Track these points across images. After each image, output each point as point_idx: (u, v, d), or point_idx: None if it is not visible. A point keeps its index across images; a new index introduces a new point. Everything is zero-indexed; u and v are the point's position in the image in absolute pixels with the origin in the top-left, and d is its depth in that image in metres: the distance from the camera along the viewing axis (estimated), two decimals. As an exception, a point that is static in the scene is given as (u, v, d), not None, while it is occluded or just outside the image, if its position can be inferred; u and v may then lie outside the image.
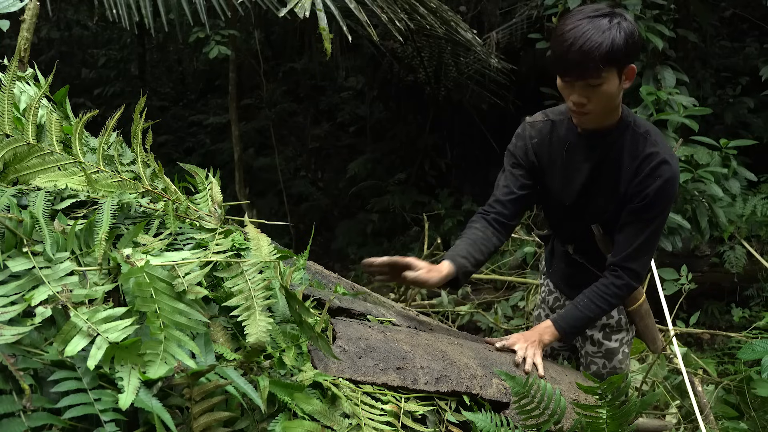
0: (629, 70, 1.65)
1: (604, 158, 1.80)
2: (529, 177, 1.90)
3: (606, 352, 2.09)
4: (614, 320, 2.07)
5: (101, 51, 10.52)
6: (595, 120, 1.74)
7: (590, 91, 1.63)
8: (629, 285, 1.82)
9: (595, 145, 1.80)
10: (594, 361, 2.10)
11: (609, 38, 1.56)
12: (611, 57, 1.56)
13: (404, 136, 7.95)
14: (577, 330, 1.87)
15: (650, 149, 1.75)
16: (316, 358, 1.27)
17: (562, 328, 1.83)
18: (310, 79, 9.71)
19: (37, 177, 1.33)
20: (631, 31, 1.60)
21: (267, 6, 4.12)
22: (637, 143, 1.76)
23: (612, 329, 2.08)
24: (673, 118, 4.17)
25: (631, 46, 1.60)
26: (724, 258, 4.59)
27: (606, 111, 1.71)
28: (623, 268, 1.80)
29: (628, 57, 1.62)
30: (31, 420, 0.90)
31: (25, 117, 1.40)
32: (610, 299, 1.82)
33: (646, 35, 4.50)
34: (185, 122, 9.98)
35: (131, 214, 1.34)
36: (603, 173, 1.82)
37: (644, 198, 1.74)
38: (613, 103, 1.70)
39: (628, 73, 1.65)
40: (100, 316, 1.00)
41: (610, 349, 2.09)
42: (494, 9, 6.84)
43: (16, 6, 2.09)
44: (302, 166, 9.25)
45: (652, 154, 1.74)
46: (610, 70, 1.60)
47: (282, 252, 1.28)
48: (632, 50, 1.62)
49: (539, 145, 1.88)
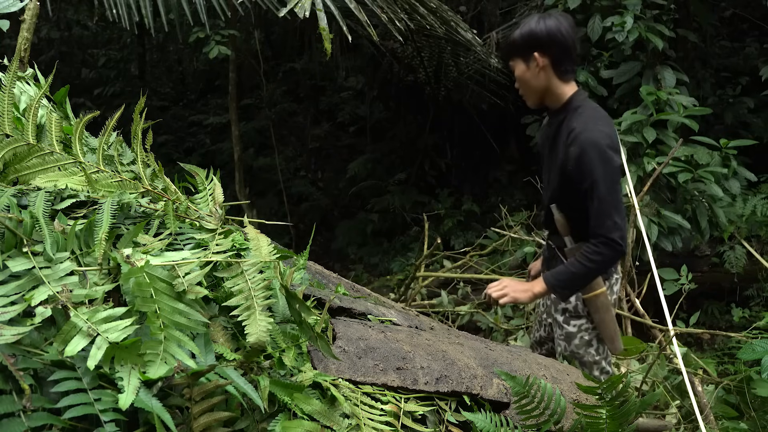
0: (531, 57, 2.05)
1: (554, 134, 2.12)
2: None
3: (566, 335, 2.24)
4: (572, 306, 2.22)
5: (101, 51, 10.52)
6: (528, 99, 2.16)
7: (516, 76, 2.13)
8: (607, 245, 2.00)
9: (550, 122, 2.18)
10: (559, 343, 2.27)
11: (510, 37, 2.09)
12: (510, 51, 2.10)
13: (404, 136, 7.95)
14: (562, 284, 2.08)
15: (573, 124, 2.02)
16: (315, 358, 1.27)
17: (549, 280, 2.08)
18: (310, 79, 9.71)
19: (37, 177, 1.33)
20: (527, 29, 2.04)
21: (267, 6, 4.12)
22: (571, 120, 2.05)
23: (570, 314, 2.23)
24: (673, 118, 4.17)
25: (527, 37, 2.04)
26: (724, 258, 4.59)
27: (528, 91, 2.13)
28: (595, 236, 2.02)
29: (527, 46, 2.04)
30: (31, 420, 0.90)
31: (25, 117, 1.40)
32: (590, 257, 2.02)
33: (646, 35, 4.51)
34: (185, 122, 9.98)
35: (131, 214, 1.34)
36: (552, 148, 2.13)
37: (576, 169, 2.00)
38: (531, 84, 2.10)
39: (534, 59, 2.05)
40: (100, 316, 1.00)
41: (569, 333, 2.23)
42: (494, 9, 6.84)
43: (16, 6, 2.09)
44: (302, 166, 9.25)
45: (573, 130, 2.01)
46: (515, 59, 2.10)
47: (282, 252, 1.28)
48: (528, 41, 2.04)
49: (542, 127, 2.34)
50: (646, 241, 2.95)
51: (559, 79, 2.07)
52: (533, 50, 2.02)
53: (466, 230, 6.69)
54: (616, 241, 1.98)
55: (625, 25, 4.51)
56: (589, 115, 2.03)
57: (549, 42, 2.01)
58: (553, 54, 2.02)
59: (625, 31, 4.51)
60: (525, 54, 2.05)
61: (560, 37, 2.02)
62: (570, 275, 2.06)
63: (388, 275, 6.11)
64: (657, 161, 4.00)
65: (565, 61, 2.05)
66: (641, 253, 3.70)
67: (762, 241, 4.72)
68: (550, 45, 2.02)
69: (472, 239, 6.29)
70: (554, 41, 2.02)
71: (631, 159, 4.17)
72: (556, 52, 2.03)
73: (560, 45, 2.02)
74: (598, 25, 4.72)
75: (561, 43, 2.02)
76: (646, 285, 3.65)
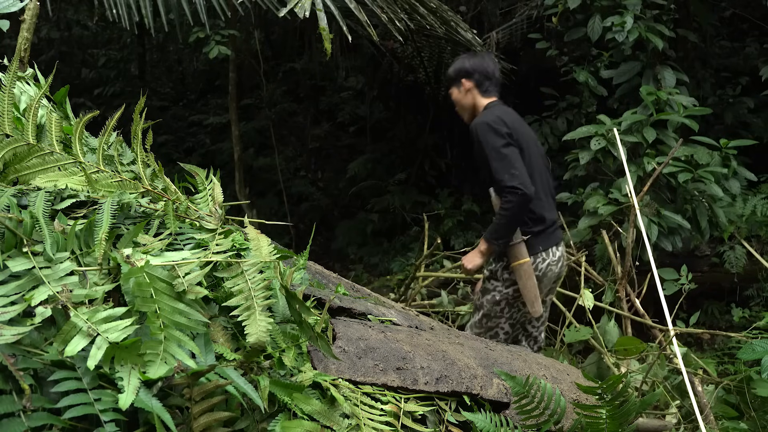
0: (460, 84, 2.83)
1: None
2: None
3: (483, 289, 2.80)
4: (492, 267, 2.76)
5: (101, 51, 10.51)
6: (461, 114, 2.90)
7: None
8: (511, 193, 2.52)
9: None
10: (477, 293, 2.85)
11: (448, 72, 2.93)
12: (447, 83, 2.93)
13: (404, 136, 7.95)
14: (493, 235, 2.62)
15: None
16: (315, 358, 1.27)
17: (485, 236, 2.67)
18: (310, 79, 9.70)
19: (37, 177, 1.33)
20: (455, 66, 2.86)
21: (267, 6, 4.12)
22: None
23: (489, 276, 2.77)
24: (673, 118, 4.17)
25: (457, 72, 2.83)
26: (724, 258, 4.59)
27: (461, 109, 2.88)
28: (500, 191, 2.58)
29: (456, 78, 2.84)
30: (31, 420, 0.90)
31: (25, 117, 1.40)
32: (503, 207, 2.56)
33: (646, 35, 4.51)
34: (185, 122, 9.97)
35: (131, 214, 1.34)
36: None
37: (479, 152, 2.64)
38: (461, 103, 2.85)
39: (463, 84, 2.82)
40: (100, 316, 1.00)
41: (486, 288, 2.79)
42: (494, 9, 6.84)
43: (16, 6, 2.09)
44: (302, 166, 9.24)
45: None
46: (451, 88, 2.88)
47: (282, 252, 1.27)
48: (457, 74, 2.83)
49: None
50: (646, 241, 2.95)
51: (481, 96, 2.81)
52: (461, 78, 2.81)
53: (466, 230, 6.69)
54: (515, 187, 2.51)
55: (625, 25, 4.51)
56: (488, 111, 2.74)
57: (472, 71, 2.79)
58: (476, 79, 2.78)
59: (625, 31, 4.51)
60: (456, 82, 2.83)
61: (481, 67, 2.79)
62: (496, 227, 2.60)
63: (388, 275, 6.11)
64: (657, 161, 4.00)
65: (485, 83, 2.79)
66: (641, 253, 3.70)
67: (762, 241, 4.72)
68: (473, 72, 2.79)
69: (472, 239, 6.29)
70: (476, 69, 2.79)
71: (631, 159, 4.17)
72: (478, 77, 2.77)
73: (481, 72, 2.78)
74: (598, 25, 4.72)
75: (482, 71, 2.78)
76: (646, 285, 3.64)
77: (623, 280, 3.60)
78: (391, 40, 6.46)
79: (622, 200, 3.94)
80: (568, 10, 4.95)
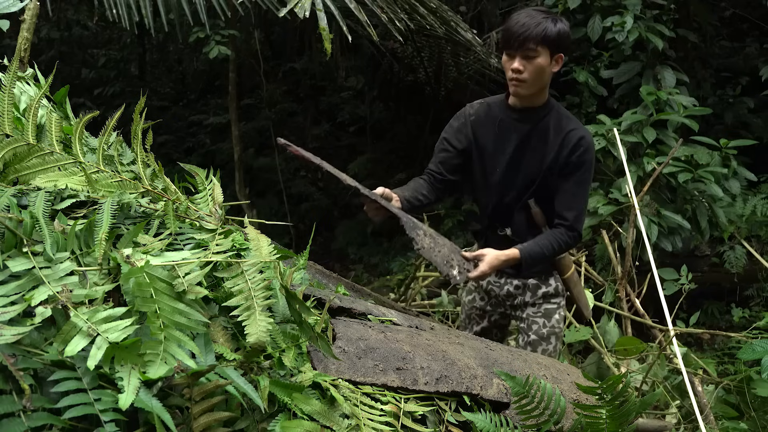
0: (558, 57, 2.11)
1: (532, 131, 2.20)
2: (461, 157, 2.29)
3: (545, 312, 2.41)
4: (552, 288, 2.41)
5: (101, 51, 10.50)
6: (528, 89, 2.13)
7: (526, 62, 2.07)
8: (574, 235, 2.21)
9: (524, 119, 2.20)
10: (535, 321, 2.42)
11: (543, 24, 2.05)
12: (544, 37, 2.04)
13: (404, 136, 7.94)
14: (533, 262, 2.20)
15: (572, 126, 2.19)
16: (315, 358, 1.27)
17: (524, 257, 2.17)
18: (310, 79, 9.70)
19: (37, 177, 1.33)
20: (563, 29, 2.09)
21: (267, 6, 4.12)
22: (561, 120, 2.19)
23: (551, 295, 2.42)
24: (673, 118, 4.17)
25: (562, 37, 2.08)
26: (724, 258, 4.59)
27: (536, 83, 2.12)
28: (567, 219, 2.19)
29: (558, 44, 2.08)
30: (31, 420, 0.89)
31: (25, 117, 1.40)
32: (561, 244, 2.20)
33: (646, 35, 4.51)
34: (185, 122, 9.96)
35: (131, 214, 1.34)
36: (530, 144, 2.20)
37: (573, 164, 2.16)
38: (543, 78, 2.12)
39: (557, 59, 2.11)
40: (100, 316, 1.00)
41: (549, 310, 2.41)
42: (494, 9, 6.84)
43: (16, 6, 2.09)
44: (302, 166, 9.24)
45: (573, 130, 2.17)
46: (543, 48, 2.05)
47: (282, 252, 1.27)
48: (562, 41, 2.09)
49: (475, 122, 2.27)
50: (646, 241, 2.95)
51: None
52: (560, 50, 2.10)
53: (466, 230, 6.69)
54: (580, 232, 2.22)
55: (625, 25, 4.51)
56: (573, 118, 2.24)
57: (567, 47, 2.15)
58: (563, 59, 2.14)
59: (625, 31, 4.51)
60: (555, 49, 2.09)
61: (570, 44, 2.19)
62: (542, 256, 2.20)
63: (388, 275, 6.11)
64: (657, 161, 4.00)
65: None
66: (641, 253, 3.70)
67: (762, 241, 4.73)
68: (566, 50, 2.15)
69: (472, 239, 6.29)
70: (568, 48, 2.17)
71: (631, 159, 4.17)
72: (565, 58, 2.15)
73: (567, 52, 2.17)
74: (598, 25, 4.72)
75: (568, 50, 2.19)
76: (646, 285, 3.65)
77: (623, 280, 3.60)
78: (391, 40, 6.46)
79: (622, 200, 3.94)
80: (568, 10, 4.95)
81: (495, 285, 2.45)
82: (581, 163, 2.16)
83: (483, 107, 2.29)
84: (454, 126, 2.31)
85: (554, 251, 2.21)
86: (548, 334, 2.40)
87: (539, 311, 2.40)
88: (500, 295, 2.45)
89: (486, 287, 2.49)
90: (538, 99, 2.18)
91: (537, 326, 2.40)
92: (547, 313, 2.40)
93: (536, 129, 2.19)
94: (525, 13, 2.09)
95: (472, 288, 2.56)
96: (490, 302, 2.50)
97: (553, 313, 2.41)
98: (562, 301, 2.45)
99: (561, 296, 2.44)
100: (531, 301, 2.41)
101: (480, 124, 2.26)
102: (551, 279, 2.40)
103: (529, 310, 2.42)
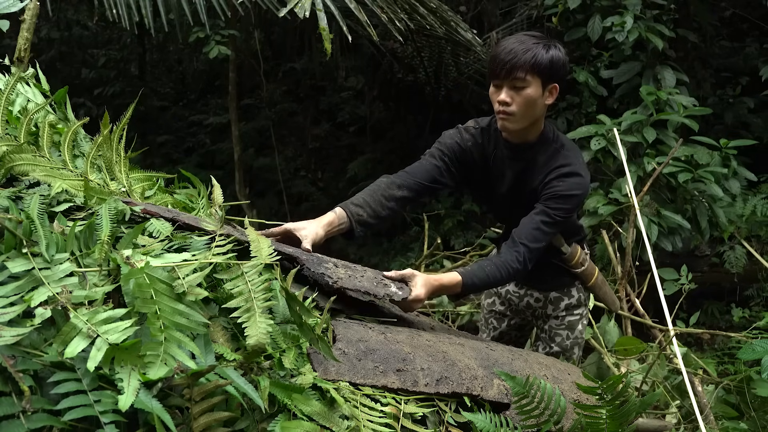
0: (552, 87, 1.87)
1: (524, 169, 1.99)
2: (451, 175, 2.04)
3: (568, 324, 2.32)
4: (575, 299, 2.31)
5: (101, 51, 10.49)
6: (517, 123, 1.89)
7: (515, 93, 1.84)
8: (524, 266, 1.88)
9: (517, 157, 1.99)
10: (558, 333, 2.33)
11: (534, 50, 1.82)
12: (534, 64, 1.81)
13: (404, 136, 7.94)
14: (475, 288, 1.90)
15: (561, 161, 1.94)
16: (315, 360, 1.27)
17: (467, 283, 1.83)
18: (310, 79, 9.69)
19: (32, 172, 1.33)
20: (557, 55, 1.85)
21: (267, 6, 4.12)
22: (551, 157, 1.96)
23: (573, 306, 2.32)
24: (673, 118, 4.17)
25: (555, 64, 1.84)
26: (724, 258, 4.59)
27: (526, 117, 1.88)
28: (523, 245, 1.88)
29: (551, 74, 1.84)
30: (31, 422, 0.89)
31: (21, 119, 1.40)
32: (508, 273, 1.87)
33: (646, 35, 4.51)
34: (185, 122, 9.95)
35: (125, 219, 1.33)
36: (526, 182, 2.00)
37: (553, 194, 1.91)
38: (534, 111, 1.88)
39: (551, 90, 1.87)
40: (99, 318, 1.00)
41: (572, 322, 2.32)
42: (494, 9, 6.84)
43: (16, 6, 2.09)
44: (302, 166, 9.23)
45: (562, 165, 1.93)
46: (533, 77, 1.82)
47: (282, 253, 1.27)
48: (556, 70, 1.85)
49: (474, 147, 2.04)
50: (646, 241, 2.94)
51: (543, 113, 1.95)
52: (554, 80, 1.86)
53: (466, 230, 6.68)
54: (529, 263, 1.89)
55: (625, 25, 4.51)
56: (576, 156, 1.98)
57: (562, 76, 1.89)
58: (558, 90, 1.89)
59: (625, 31, 4.51)
60: (547, 80, 1.85)
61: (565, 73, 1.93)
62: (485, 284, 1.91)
63: (388, 275, 6.09)
64: (657, 161, 4.00)
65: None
66: (641, 253, 3.70)
67: (762, 241, 4.73)
68: (561, 80, 1.89)
69: (472, 239, 6.29)
70: (563, 77, 1.91)
71: (631, 159, 4.17)
72: (560, 88, 1.90)
73: (563, 82, 1.90)
74: (598, 25, 4.72)
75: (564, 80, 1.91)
76: (646, 285, 3.64)
77: (623, 280, 3.60)
78: (391, 40, 6.46)
79: (622, 200, 3.94)
80: (568, 10, 4.95)
81: (514, 295, 2.36)
82: (556, 194, 1.90)
83: (478, 133, 2.05)
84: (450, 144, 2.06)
85: (499, 280, 1.90)
86: (572, 345, 2.31)
87: (562, 324, 2.31)
88: (520, 305, 2.36)
89: (505, 295, 2.39)
90: (531, 134, 1.95)
91: (560, 338, 2.32)
92: (571, 325, 2.32)
93: (528, 167, 1.98)
94: (514, 38, 1.86)
95: (492, 291, 2.44)
96: (510, 308, 2.41)
97: (576, 324, 2.32)
98: (585, 311, 2.36)
99: (584, 306, 2.35)
100: (554, 314, 2.31)
101: (477, 150, 2.04)
102: (573, 290, 2.29)
103: (551, 323, 2.33)
